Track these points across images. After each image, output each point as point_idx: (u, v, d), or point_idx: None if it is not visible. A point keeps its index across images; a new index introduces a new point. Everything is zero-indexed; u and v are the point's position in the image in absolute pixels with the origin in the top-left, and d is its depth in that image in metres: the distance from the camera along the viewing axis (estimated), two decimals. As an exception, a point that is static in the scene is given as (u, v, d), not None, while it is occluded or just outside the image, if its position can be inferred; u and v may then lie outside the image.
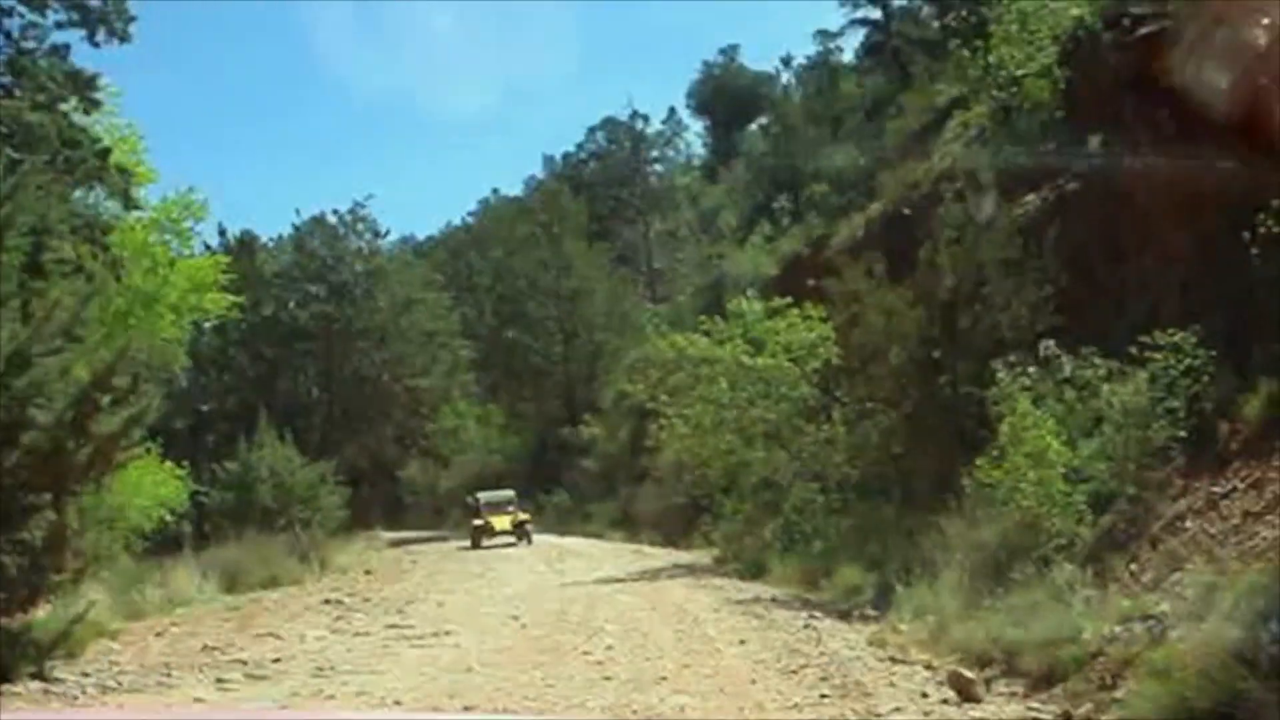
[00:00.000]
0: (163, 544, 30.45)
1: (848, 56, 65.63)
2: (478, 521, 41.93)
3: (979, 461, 15.18)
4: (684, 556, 31.31)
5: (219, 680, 13.79)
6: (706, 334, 28.18)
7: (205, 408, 53.00)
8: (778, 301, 27.58)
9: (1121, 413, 14.02)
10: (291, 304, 53.41)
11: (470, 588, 25.28)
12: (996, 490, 15.14)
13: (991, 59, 28.10)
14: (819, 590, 20.43)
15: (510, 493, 44.19)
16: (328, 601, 22.73)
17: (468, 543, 41.04)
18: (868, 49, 59.20)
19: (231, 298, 35.16)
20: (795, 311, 26.84)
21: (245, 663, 15.02)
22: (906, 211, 29.78)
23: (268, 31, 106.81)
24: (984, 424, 18.76)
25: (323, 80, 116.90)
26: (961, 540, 15.91)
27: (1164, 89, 21.88)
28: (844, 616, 17.12)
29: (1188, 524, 12.17)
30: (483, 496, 44.01)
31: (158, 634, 18.53)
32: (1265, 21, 16.33)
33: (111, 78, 27.76)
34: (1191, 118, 21.03)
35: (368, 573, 32.11)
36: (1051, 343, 15.57)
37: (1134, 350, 14.48)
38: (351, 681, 13.31)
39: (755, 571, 24.45)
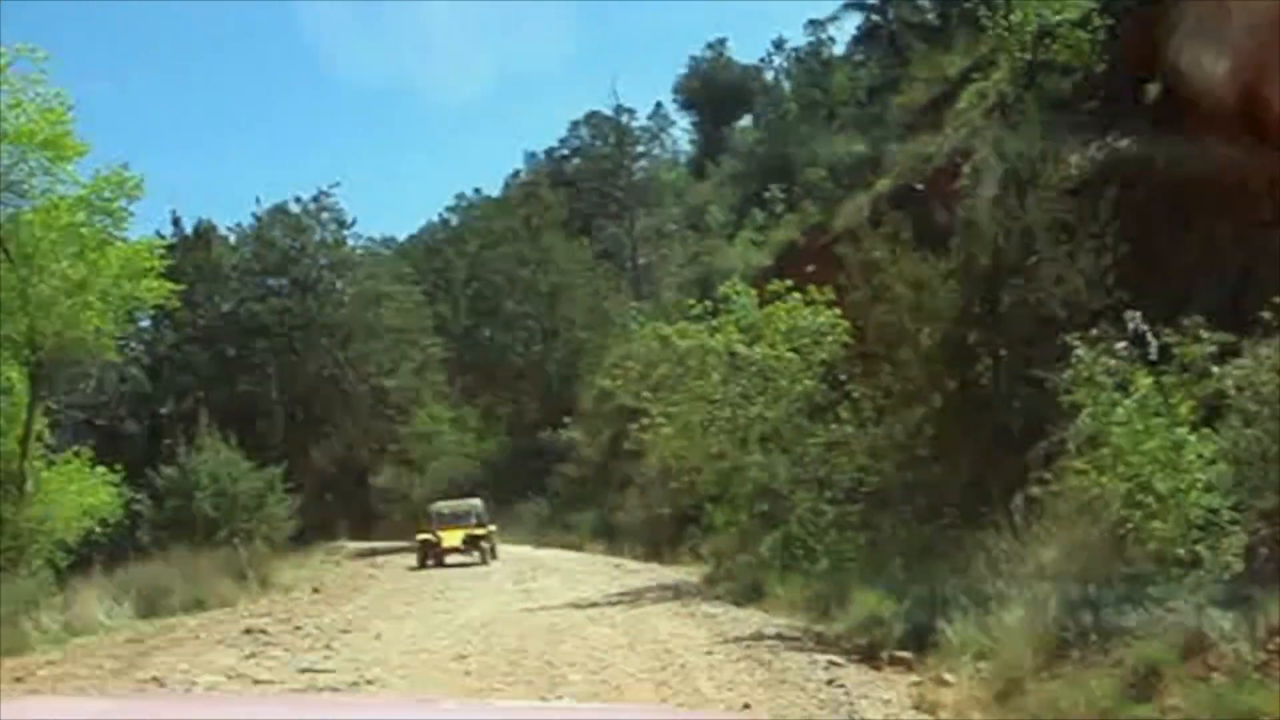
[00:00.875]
0: (90, 559, 27.09)
1: (839, 49, 63.47)
2: (424, 536, 37.05)
3: (1076, 464, 11.52)
4: (669, 574, 27.90)
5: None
6: (697, 319, 24.77)
7: (164, 410, 49.59)
8: (776, 284, 24.17)
9: (1254, 400, 10.53)
10: (250, 299, 49.85)
11: (422, 612, 21.79)
12: (1072, 501, 11.74)
13: (1014, 17, 25.40)
14: (830, 620, 16.98)
15: (475, 502, 39.62)
16: (248, 632, 19.21)
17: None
18: (863, 35, 56.60)
19: (171, 286, 31.52)
20: (797, 295, 23.49)
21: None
22: (919, 187, 26.73)
23: (255, 22, 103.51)
24: (1037, 418, 15.47)
25: (304, 73, 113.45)
26: (1022, 564, 12.55)
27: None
28: (869, 659, 13.65)
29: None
30: (439, 506, 39.60)
31: (18, 679, 14.96)
32: None
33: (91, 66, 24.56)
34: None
35: (315, 591, 28.63)
36: (1138, 315, 12.13)
37: (1268, 318, 10.95)
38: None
39: (751, 594, 21.02)
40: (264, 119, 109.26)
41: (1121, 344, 11.60)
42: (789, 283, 24.09)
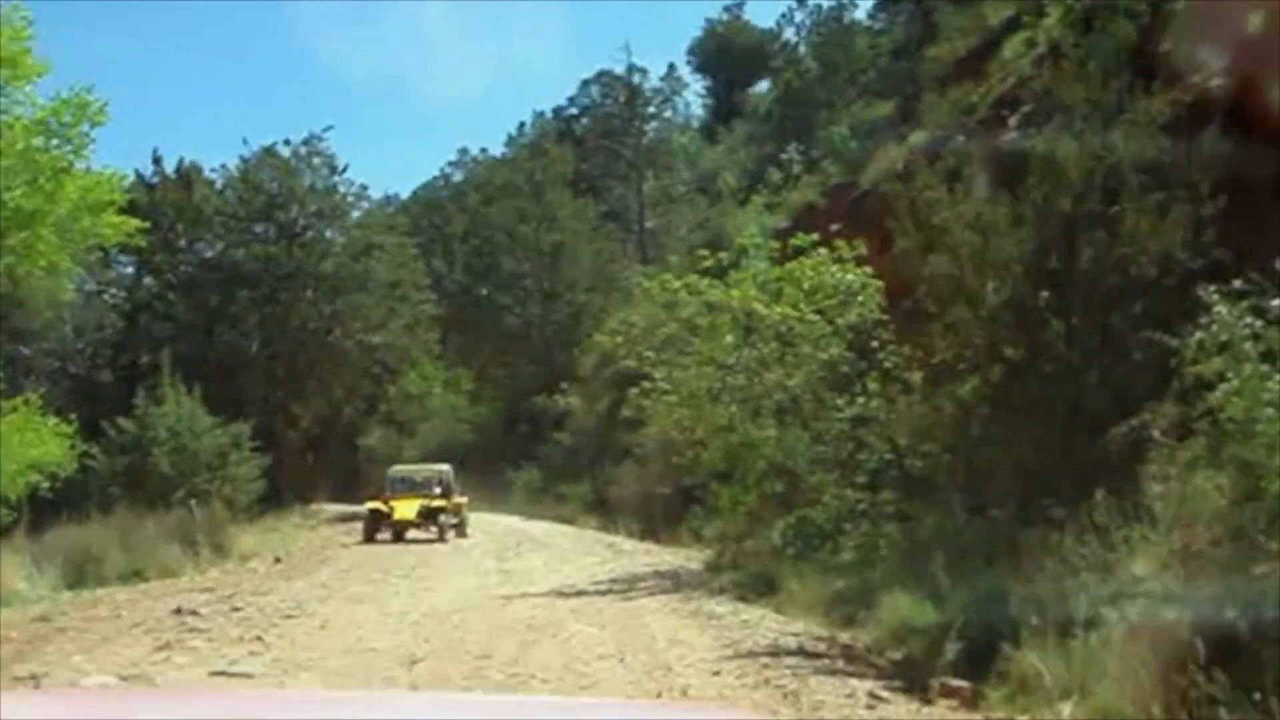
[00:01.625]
0: (39, 518, 24.63)
1: (860, 14, 61.46)
2: (374, 504, 32.18)
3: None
4: (667, 557, 25.31)
5: None
6: (706, 273, 21.98)
7: (142, 360, 47.07)
8: (801, 237, 21.38)
9: None
10: (233, 245, 47.17)
11: (384, 594, 19.13)
12: (1193, 501, 9.08)
13: (1071, -46, 22.69)
14: (857, 626, 14.36)
15: (442, 467, 35.15)
16: (177, 612, 16.53)
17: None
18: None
19: (136, 223, 28.81)
20: (823, 250, 20.71)
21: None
22: (960, 139, 24.07)
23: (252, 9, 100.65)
24: (1121, 395, 12.86)
25: (309, 62, 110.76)
26: (1109, 575, 9.93)
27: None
28: (917, 686, 10.96)
29: None
30: (397, 470, 35.57)
31: None
32: None
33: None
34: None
35: (277, 561, 26.02)
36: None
37: None
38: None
39: (760, 587, 18.38)
40: (264, 65, 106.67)
41: (1277, 301, 8.88)
42: (813, 237, 21.34)
